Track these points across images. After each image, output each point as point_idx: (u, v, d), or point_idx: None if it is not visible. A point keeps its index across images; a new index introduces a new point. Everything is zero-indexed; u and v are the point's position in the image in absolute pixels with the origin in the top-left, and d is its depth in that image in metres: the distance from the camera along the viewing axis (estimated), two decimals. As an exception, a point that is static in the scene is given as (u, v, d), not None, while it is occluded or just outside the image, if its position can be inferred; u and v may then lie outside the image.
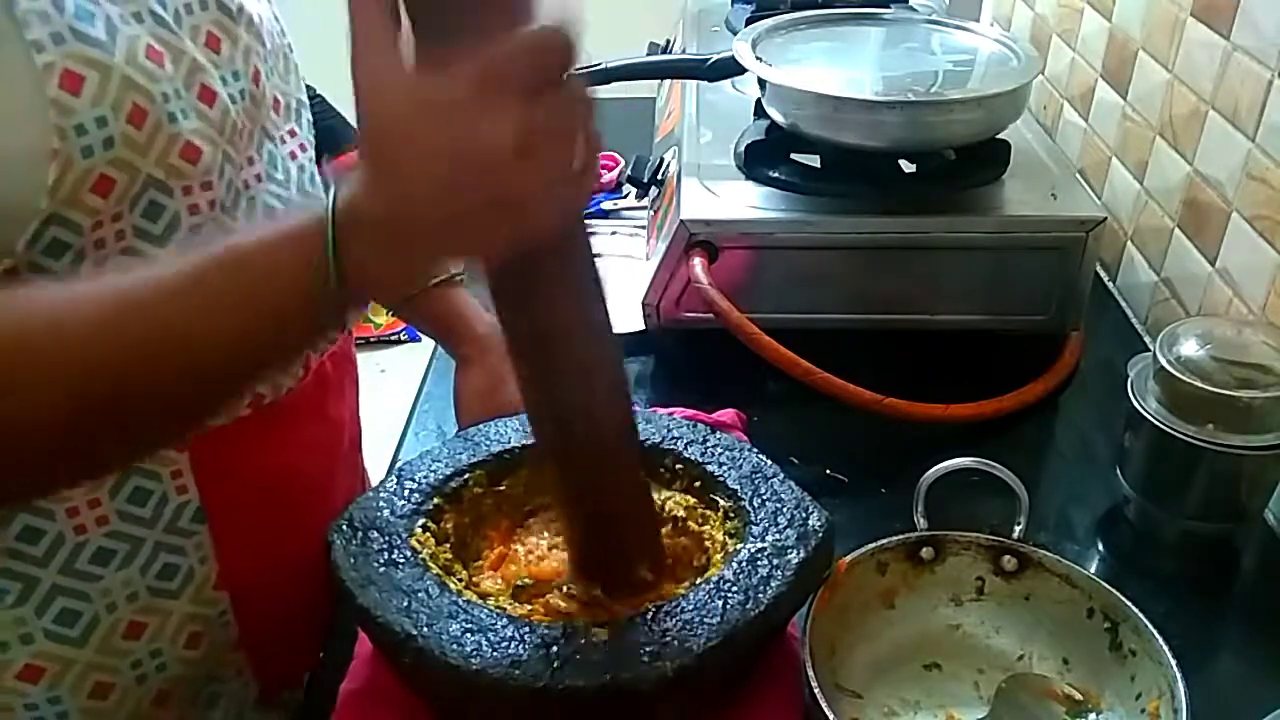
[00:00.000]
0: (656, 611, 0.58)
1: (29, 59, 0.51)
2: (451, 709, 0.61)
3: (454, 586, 0.62)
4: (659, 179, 1.11)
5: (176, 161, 0.58)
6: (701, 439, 0.72)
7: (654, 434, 0.72)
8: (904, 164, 1.01)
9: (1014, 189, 0.99)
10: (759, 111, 1.05)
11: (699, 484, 0.70)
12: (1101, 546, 0.82)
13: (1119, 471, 0.82)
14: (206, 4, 0.62)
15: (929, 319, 0.98)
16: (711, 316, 0.91)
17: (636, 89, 1.23)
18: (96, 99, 0.53)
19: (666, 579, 0.64)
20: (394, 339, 2.69)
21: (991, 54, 1.04)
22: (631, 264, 1.15)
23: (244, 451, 0.67)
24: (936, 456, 0.69)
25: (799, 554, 0.62)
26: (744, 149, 1.02)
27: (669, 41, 1.51)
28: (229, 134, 0.62)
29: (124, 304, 0.48)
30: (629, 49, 1.20)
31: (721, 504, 0.68)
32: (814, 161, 1.00)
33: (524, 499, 0.72)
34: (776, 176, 0.99)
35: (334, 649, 0.70)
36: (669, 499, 0.70)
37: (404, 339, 2.68)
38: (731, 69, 1.03)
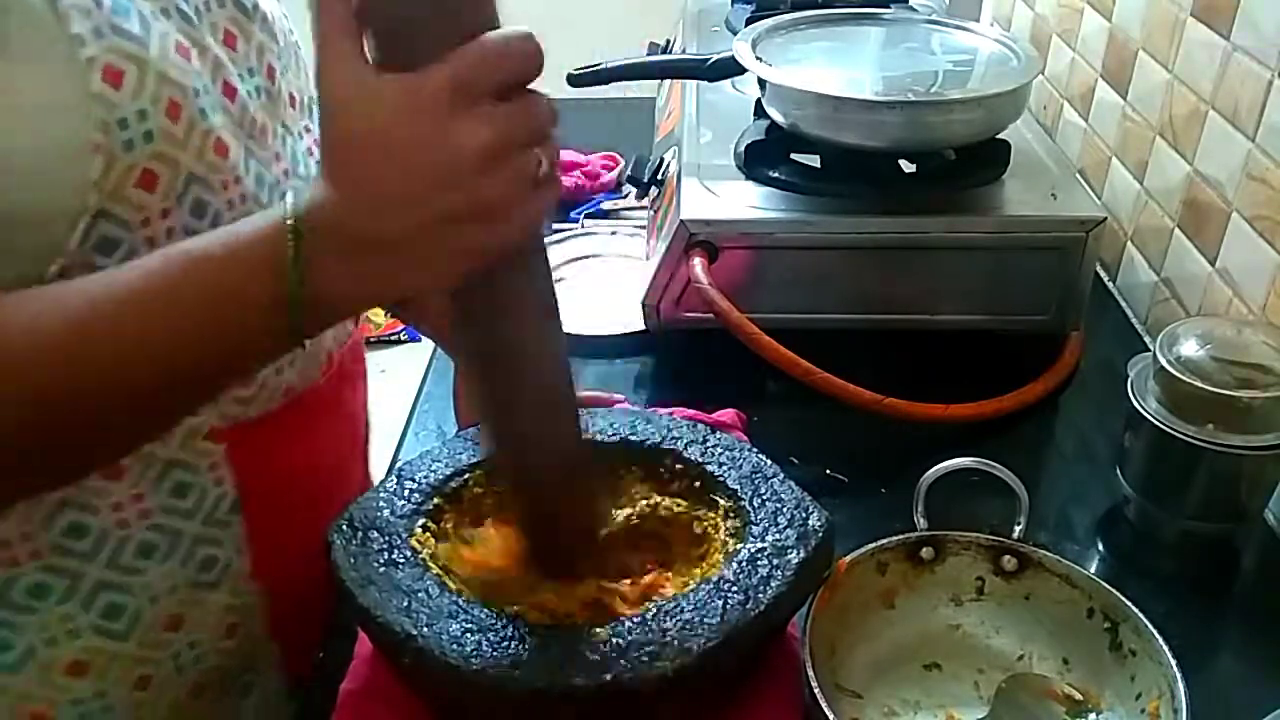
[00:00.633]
0: (656, 611, 0.58)
1: (73, 53, 0.51)
2: (451, 709, 0.61)
3: (453, 586, 0.62)
4: (659, 179, 1.11)
5: (211, 157, 0.58)
6: (701, 439, 0.72)
7: (654, 434, 0.72)
8: (904, 164, 1.01)
9: (1014, 189, 0.98)
10: (759, 111, 1.05)
11: (699, 484, 0.70)
12: (1101, 546, 0.82)
13: (1119, 471, 0.82)
14: (224, 2, 0.63)
15: (929, 319, 0.98)
16: (711, 316, 0.91)
17: (636, 89, 1.24)
18: (136, 93, 0.53)
19: (666, 579, 0.65)
20: (394, 339, 2.68)
21: (991, 54, 1.04)
22: (631, 264, 1.15)
23: (275, 443, 0.68)
24: (936, 456, 0.69)
25: (799, 554, 0.62)
26: (744, 149, 1.02)
27: (669, 41, 1.51)
28: (249, 129, 0.63)
29: (92, 309, 0.49)
30: (629, 49, 1.20)
31: (721, 504, 0.68)
32: (814, 161, 1.00)
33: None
34: (776, 176, 0.99)
35: (334, 649, 0.70)
36: (669, 499, 0.69)
37: (404, 339, 2.67)
38: (731, 69, 1.03)
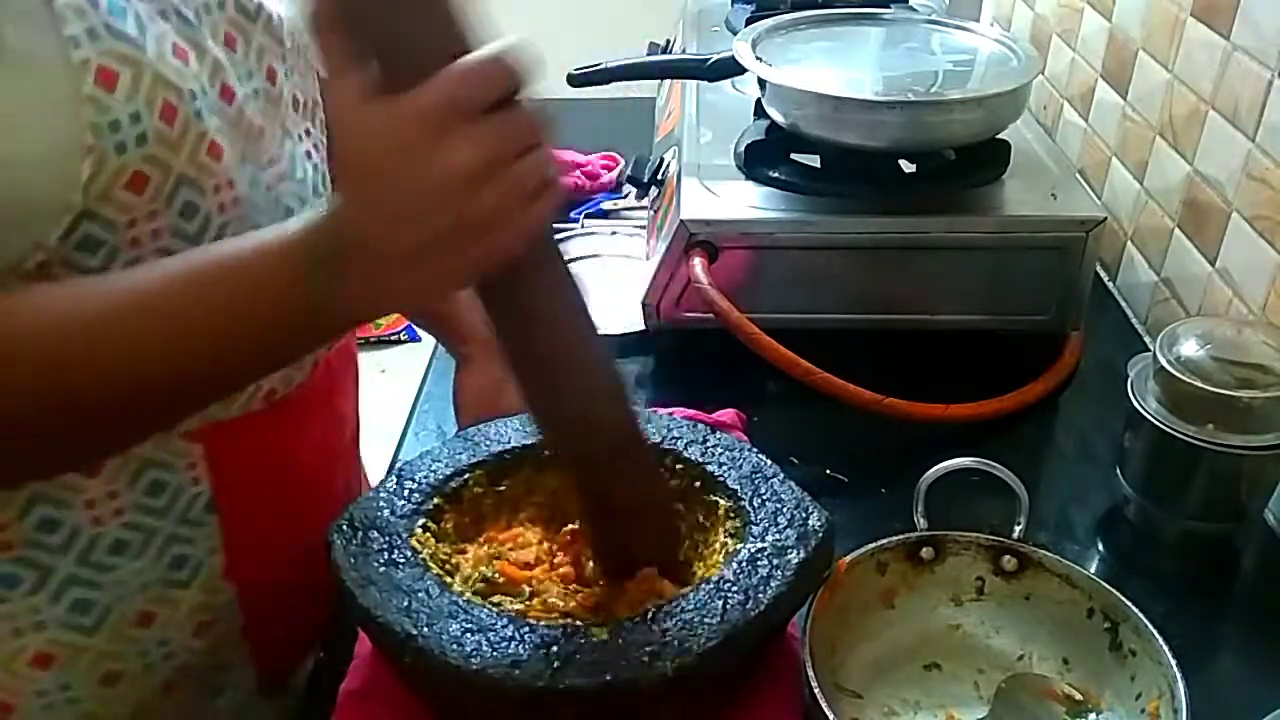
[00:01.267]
0: (656, 611, 0.58)
1: (66, 55, 0.51)
2: (451, 709, 0.61)
3: (453, 586, 0.62)
4: (659, 179, 1.11)
5: (204, 159, 0.58)
6: (701, 439, 0.72)
7: (654, 434, 0.72)
8: (904, 164, 1.01)
9: (1014, 189, 0.99)
10: (759, 111, 1.05)
11: (699, 484, 0.70)
12: (1101, 546, 0.82)
13: (1119, 471, 0.82)
14: (224, 4, 0.63)
15: (929, 319, 0.98)
16: (711, 316, 0.91)
17: (636, 89, 1.24)
18: (130, 95, 0.53)
19: (665, 578, 0.65)
20: (394, 339, 2.68)
21: (991, 54, 1.04)
22: (631, 264, 1.15)
23: (255, 444, 0.68)
24: (936, 456, 0.69)
25: (799, 554, 0.62)
26: (744, 149, 1.02)
27: (669, 41, 1.51)
28: (245, 132, 0.63)
29: (115, 308, 0.52)
30: (629, 49, 1.20)
31: (721, 504, 0.68)
32: (814, 161, 1.00)
33: (524, 499, 0.72)
34: (776, 176, 0.99)
35: (334, 649, 0.70)
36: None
37: (404, 339, 2.67)
38: (731, 69, 1.03)
